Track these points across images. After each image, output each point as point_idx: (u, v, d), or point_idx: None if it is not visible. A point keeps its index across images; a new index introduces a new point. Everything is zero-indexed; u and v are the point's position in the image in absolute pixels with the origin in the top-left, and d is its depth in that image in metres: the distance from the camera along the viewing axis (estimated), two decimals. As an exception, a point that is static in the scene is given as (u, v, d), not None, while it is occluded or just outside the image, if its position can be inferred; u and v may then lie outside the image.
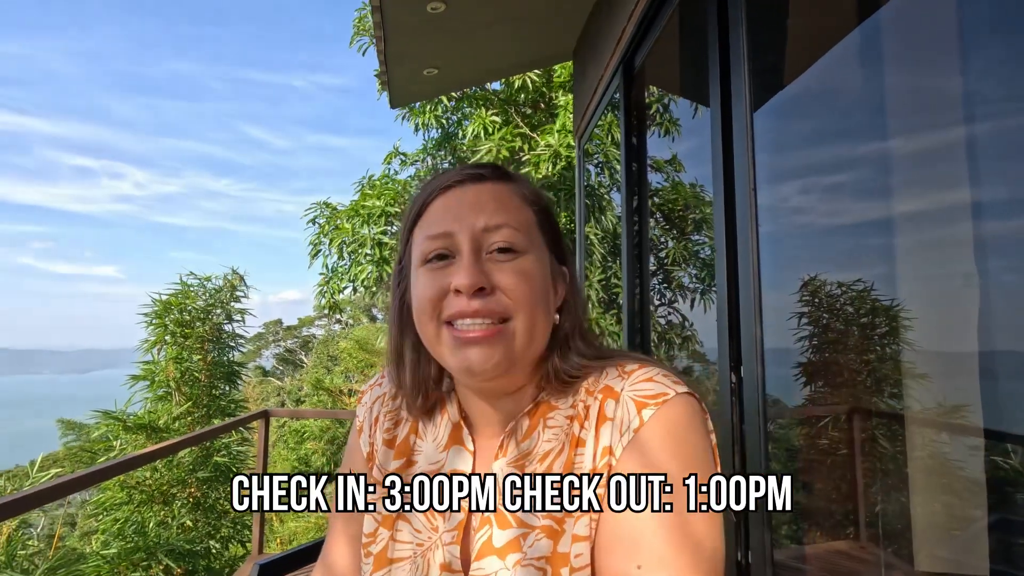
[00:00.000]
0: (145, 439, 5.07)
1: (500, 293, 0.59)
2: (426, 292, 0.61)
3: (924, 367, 1.13)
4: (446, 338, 0.61)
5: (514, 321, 0.60)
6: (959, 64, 1.03)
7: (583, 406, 0.63)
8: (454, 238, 0.61)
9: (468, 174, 0.65)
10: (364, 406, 0.77)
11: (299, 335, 34.72)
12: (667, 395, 0.57)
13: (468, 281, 0.58)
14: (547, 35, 3.20)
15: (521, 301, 0.60)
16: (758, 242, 1.29)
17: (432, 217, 0.64)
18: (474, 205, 0.62)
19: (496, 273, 0.60)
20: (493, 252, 0.61)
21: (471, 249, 0.60)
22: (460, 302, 0.59)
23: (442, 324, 0.61)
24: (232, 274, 6.42)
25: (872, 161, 1.27)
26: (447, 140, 7.64)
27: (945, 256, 1.07)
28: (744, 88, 1.34)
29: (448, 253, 0.62)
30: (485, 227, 0.61)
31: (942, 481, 1.11)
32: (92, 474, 1.86)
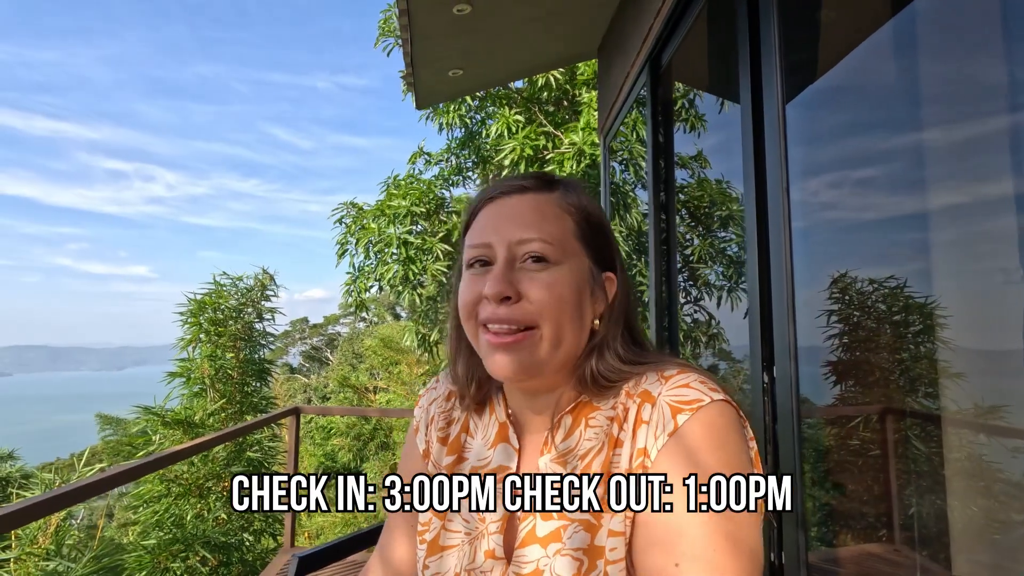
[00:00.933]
0: (182, 434, 5.23)
1: (525, 302, 0.64)
2: (464, 295, 0.67)
3: (963, 366, 1.11)
4: (482, 340, 0.66)
5: (540, 329, 0.64)
6: (1000, 51, 1.01)
7: (623, 408, 0.66)
8: (492, 248, 0.66)
9: (512, 186, 0.70)
10: (421, 408, 0.83)
11: (324, 333, 35.29)
12: (702, 401, 0.59)
13: (493, 290, 0.63)
14: (571, 34, 3.20)
15: (546, 310, 0.63)
16: (791, 239, 1.28)
17: (476, 227, 0.69)
18: (511, 218, 0.67)
19: (525, 282, 0.64)
20: (527, 262, 0.65)
21: (504, 259, 0.65)
22: (489, 308, 0.64)
23: (479, 326, 0.66)
24: (263, 274, 6.57)
25: (911, 154, 1.25)
26: (471, 139, 7.68)
27: (988, 251, 1.04)
28: (776, 82, 1.33)
29: (488, 260, 0.67)
30: (519, 240, 0.65)
31: (982, 484, 1.09)
32: (141, 466, 1.94)
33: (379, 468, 13.20)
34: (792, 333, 1.24)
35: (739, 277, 2.23)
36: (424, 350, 7.45)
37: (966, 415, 1.11)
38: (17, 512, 1.52)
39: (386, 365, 15.13)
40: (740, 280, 2.19)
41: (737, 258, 2.31)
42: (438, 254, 6.72)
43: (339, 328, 34.59)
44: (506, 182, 0.71)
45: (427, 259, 6.73)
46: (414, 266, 6.65)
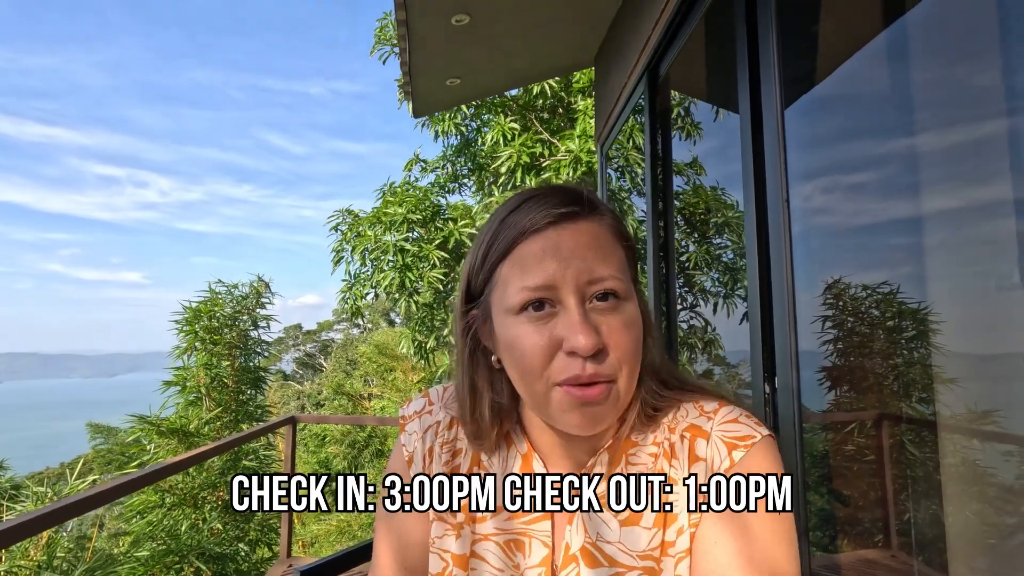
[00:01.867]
0: (177, 443, 5.19)
1: (611, 352, 0.56)
2: (532, 348, 0.56)
3: (957, 371, 1.13)
4: (559, 399, 0.56)
5: (619, 380, 0.57)
6: (991, 59, 1.03)
7: (668, 444, 0.62)
8: (557, 289, 0.56)
9: (560, 213, 0.58)
10: (413, 435, 0.72)
11: (318, 339, 35.15)
12: (755, 438, 0.58)
13: (587, 343, 0.53)
14: (568, 44, 3.22)
15: (629, 358, 0.57)
16: (791, 248, 1.29)
17: (528, 262, 0.57)
18: (575, 251, 0.57)
19: (603, 327, 0.56)
20: (595, 301, 0.56)
21: (578, 302, 0.56)
22: (574, 367, 0.55)
23: (551, 386, 0.56)
24: (258, 281, 6.55)
25: (906, 158, 1.27)
26: (467, 147, 7.71)
27: (982, 256, 1.06)
28: (775, 89, 1.35)
29: (549, 302, 0.57)
30: (590, 279, 0.56)
31: (978, 489, 1.10)
32: (138, 479, 1.93)
33: (373, 476, 13.13)
34: (793, 343, 1.25)
35: (735, 283, 2.25)
36: (420, 357, 7.44)
37: (960, 420, 1.12)
38: (12, 529, 1.51)
39: (381, 372, 15.08)
40: (736, 286, 2.21)
41: (732, 264, 2.33)
42: (434, 261, 6.73)
43: (333, 334, 34.46)
44: (547, 208, 0.58)
45: (423, 266, 6.73)
46: (410, 273, 6.65)
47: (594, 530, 0.62)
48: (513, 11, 2.68)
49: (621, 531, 0.61)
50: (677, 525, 0.59)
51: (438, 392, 0.75)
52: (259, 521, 5.73)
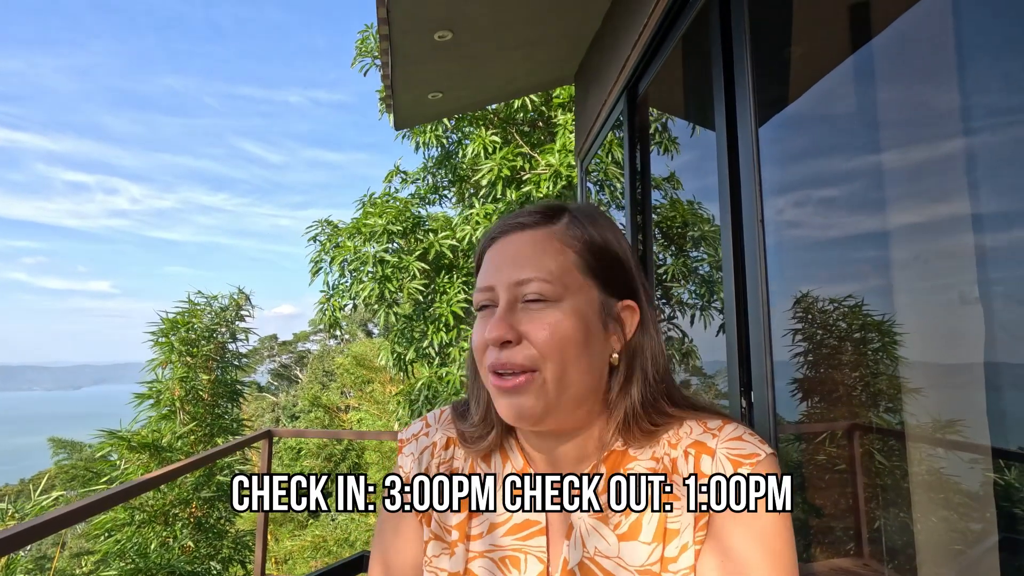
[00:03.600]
0: (148, 458, 5.05)
1: (526, 344, 0.61)
2: (474, 340, 0.66)
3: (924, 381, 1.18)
4: (490, 385, 0.64)
5: (542, 371, 0.61)
6: (950, 81, 1.08)
7: (668, 459, 0.63)
8: (495, 291, 0.65)
9: (512, 224, 0.68)
10: (409, 457, 0.75)
11: (294, 350, 34.58)
12: (759, 456, 0.60)
13: (492, 335, 0.62)
14: (549, 61, 3.28)
15: (548, 351, 0.61)
16: (766, 266, 1.33)
17: (482, 270, 0.68)
18: (511, 259, 0.65)
19: (526, 323, 0.62)
20: (528, 302, 0.63)
21: (505, 302, 0.63)
22: (493, 353, 0.63)
23: (488, 371, 0.64)
24: (238, 293, 6.45)
25: (872, 175, 1.33)
26: (448, 159, 7.74)
27: (949, 268, 1.11)
28: (749, 110, 1.39)
29: (492, 304, 0.65)
30: (517, 280, 0.63)
31: (944, 496, 1.14)
32: (110, 497, 1.87)
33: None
34: (769, 360, 1.29)
35: (711, 295, 2.30)
36: (399, 369, 7.38)
37: (925, 429, 1.17)
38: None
39: (358, 384, 14.90)
40: (713, 298, 2.26)
41: (709, 277, 2.39)
42: (414, 272, 6.70)
43: (309, 345, 33.95)
44: (508, 220, 0.68)
45: (403, 277, 6.70)
46: (390, 284, 6.61)
47: (592, 545, 0.63)
48: (495, 28, 2.73)
49: (620, 546, 0.62)
50: (680, 542, 0.60)
51: (435, 415, 0.78)
52: (232, 538, 5.59)
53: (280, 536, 11.76)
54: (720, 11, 1.54)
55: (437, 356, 6.97)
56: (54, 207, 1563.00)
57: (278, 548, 10.65)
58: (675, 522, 0.61)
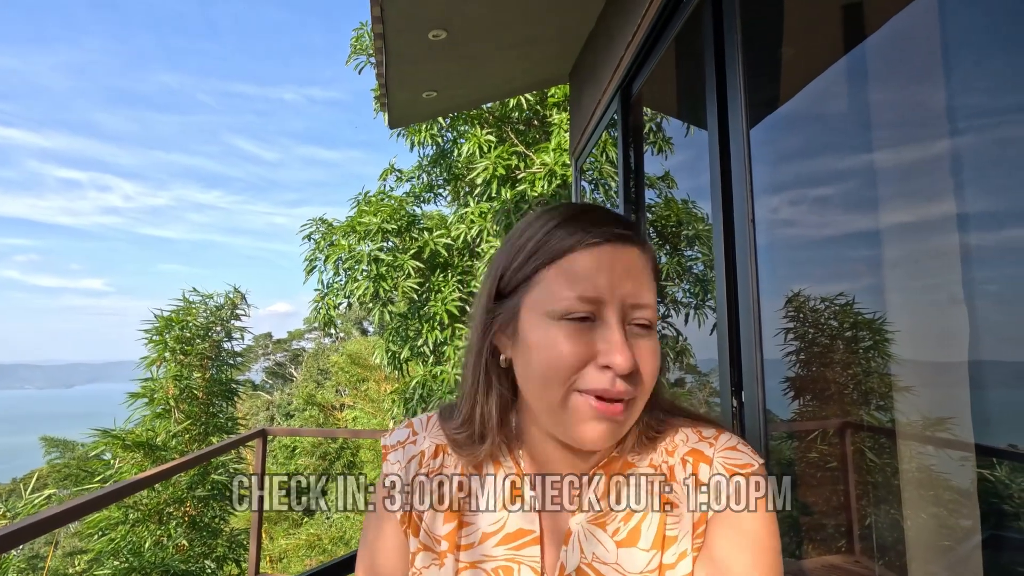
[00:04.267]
0: (143, 457, 5.04)
1: (639, 375, 0.58)
2: (567, 354, 0.57)
3: (911, 379, 1.19)
4: (578, 406, 0.57)
5: (637, 400, 0.59)
6: (940, 82, 1.10)
7: (666, 466, 0.64)
8: (603, 305, 0.58)
9: (617, 234, 0.60)
10: (395, 465, 0.70)
11: (289, 348, 34.47)
12: (752, 466, 0.61)
13: (626, 364, 0.55)
14: (544, 60, 3.29)
15: (649, 382, 0.59)
16: (757, 267, 1.35)
17: (579, 272, 0.58)
18: (627, 274, 0.59)
19: (637, 351, 0.58)
20: (633, 326, 0.59)
21: (619, 322, 0.58)
22: (604, 379, 0.56)
23: (572, 392, 0.57)
24: (234, 292, 6.43)
25: (863, 175, 1.34)
26: (443, 157, 7.73)
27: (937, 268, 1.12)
28: (740, 112, 1.41)
29: (590, 317, 0.58)
30: (635, 304, 0.59)
31: (933, 493, 1.16)
32: (105, 496, 1.87)
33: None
34: (759, 359, 1.31)
35: (705, 294, 2.31)
36: (394, 368, 7.38)
37: (912, 427, 1.18)
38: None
39: (353, 382, 14.88)
40: (707, 297, 2.28)
41: (703, 276, 2.40)
42: (409, 271, 6.70)
43: (304, 344, 33.85)
44: (607, 225, 0.60)
45: (398, 276, 6.70)
46: (384, 283, 6.61)
47: (590, 551, 0.62)
48: (489, 28, 2.73)
49: (618, 552, 0.61)
50: (678, 549, 0.60)
51: (422, 421, 0.74)
52: (227, 537, 5.59)
53: (275, 535, 11.74)
54: (712, 12, 1.55)
55: (432, 354, 6.97)
56: (47, 204, 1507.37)
57: (273, 547, 10.63)
58: (674, 528, 0.61)
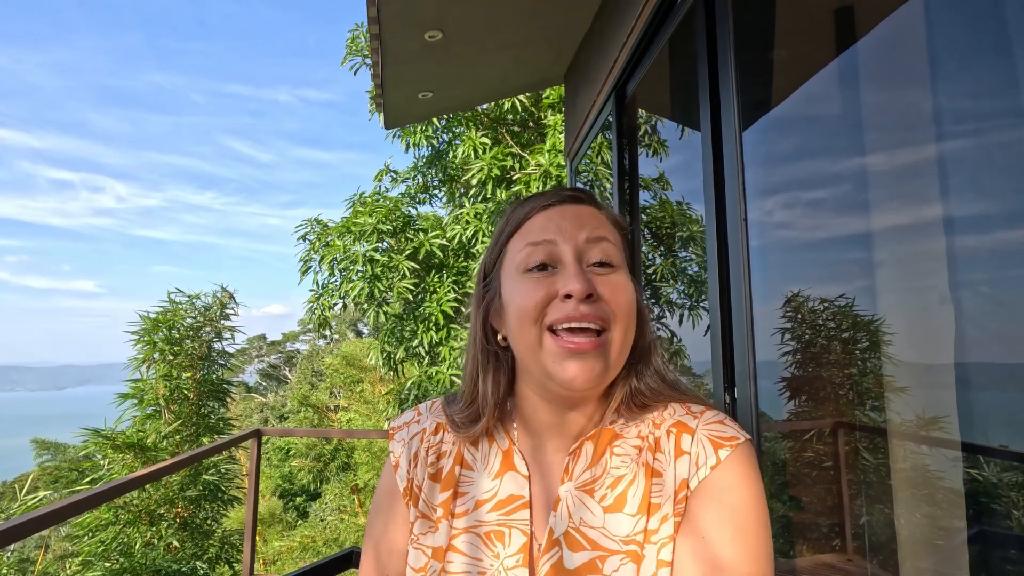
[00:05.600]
0: (133, 458, 5.00)
1: (604, 302, 0.61)
2: (531, 296, 0.63)
3: (906, 380, 1.20)
4: (550, 346, 0.62)
5: (612, 332, 0.61)
6: (932, 85, 1.11)
7: (653, 438, 0.65)
8: (557, 247, 0.64)
9: (567, 195, 0.69)
10: (400, 442, 0.76)
11: (283, 350, 34.35)
12: (739, 439, 0.62)
13: (580, 286, 0.60)
14: (539, 62, 3.30)
15: (620, 311, 0.62)
16: (749, 266, 1.36)
17: (534, 228, 0.66)
18: (575, 220, 0.65)
19: (598, 283, 0.62)
20: (592, 265, 0.64)
21: (574, 258, 0.63)
22: (567, 307, 0.60)
23: (544, 330, 0.62)
24: (222, 292, 6.40)
25: (866, 178, 1.35)
26: (438, 158, 7.74)
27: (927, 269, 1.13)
28: (733, 114, 1.42)
29: (549, 263, 0.64)
30: (587, 239, 0.64)
31: (926, 492, 1.17)
32: (95, 496, 1.86)
33: (339, 490, 12.85)
34: (751, 357, 1.31)
35: (699, 295, 2.33)
36: (389, 368, 7.36)
37: (903, 426, 1.19)
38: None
39: (348, 383, 14.83)
40: (700, 298, 2.29)
41: (697, 277, 2.41)
42: (404, 272, 6.70)
43: (298, 345, 33.74)
44: (559, 192, 0.69)
45: (393, 276, 6.69)
46: (380, 284, 6.60)
47: (578, 516, 0.64)
48: (485, 29, 2.74)
49: (605, 517, 0.63)
50: (661, 513, 0.61)
51: (427, 405, 0.79)
52: (219, 538, 5.55)
53: (268, 537, 11.68)
54: (705, 15, 1.56)
55: (427, 355, 6.97)
56: (38, 205, 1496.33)
57: (266, 549, 10.57)
58: (658, 496, 0.62)
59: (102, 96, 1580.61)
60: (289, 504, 15.05)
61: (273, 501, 14.43)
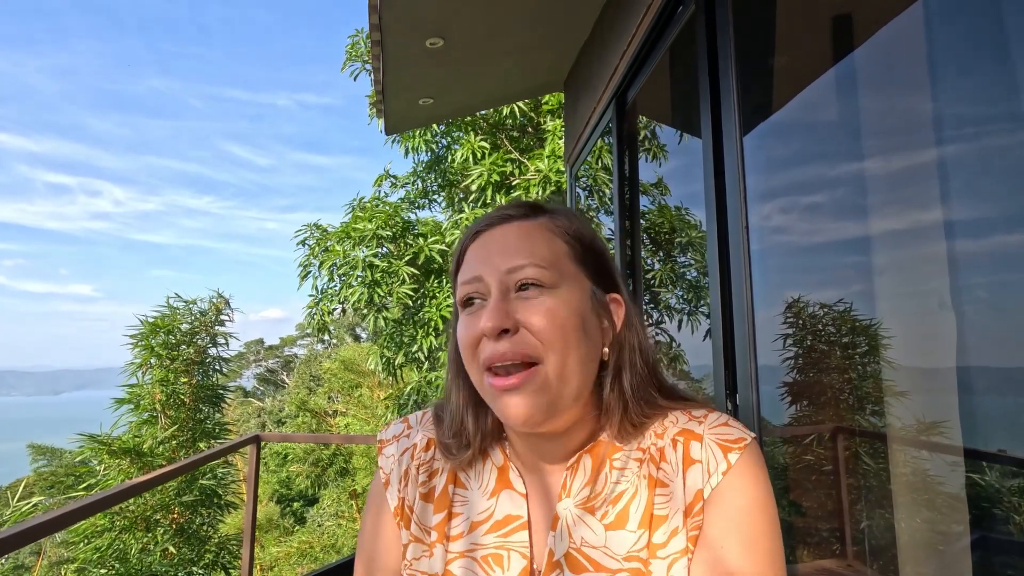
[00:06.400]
0: (129, 463, 4.98)
1: (525, 332, 0.58)
2: (463, 337, 0.62)
3: (906, 385, 1.21)
4: (486, 386, 0.61)
5: (545, 364, 0.58)
6: (930, 91, 1.12)
7: (655, 448, 0.62)
8: (483, 282, 0.61)
9: (497, 216, 0.66)
10: (390, 458, 0.72)
11: (280, 354, 34.26)
12: (746, 440, 0.60)
13: (490, 323, 0.58)
14: (539, 68, 3.31)
15: (549, 339, 0.58)
16: (751, 272, 1.36)
17: (466, 263, 0.65)
18: (500, 247, 0.63)
19: (521, 311, 0.59)
20: (521, 290, 0.60)
21: (497, 291, 0.60)
22: (489, 346, 0.59)
23: (483, 371, 0.61)
24: (217, 297, 6.39)
25: (865, 183, 1.36)
26: (437, 163, 7.75)
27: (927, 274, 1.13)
28: (734, 120, 1.43)
29: (482, 296, 0.62)
30: (509, 268, 0.61)
31: (926, 497, 1.17)
32: (94, 503, 1.85)
33: (337, 495, 12.79)
34: (753, 362, 1.32)
35: (698, 300, 2.33)
36: (388, 373, 7.35)
37: (904, 431, 1.19)
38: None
39: (346, 388, 14.79)
40: (699, 303, 2.29)
41: (696, 282, 2.42)
42: (404, 277, 6.70)
43: (296, 350, 33.66)
44: (490, 214, 0.67)
45: (393, 282, 6.69)
46: (379, 289, 6.60)
47: (579, 535, 0.62)
48: (486, 36, 2.75)
49: (607, 535, 0.61)
50: (669, 527, 0.59)
51: (417, 416, 0.76)
52: (215, 543, 5.52)
53: (266, 543, 11.62)
54: (706, 22, 1.57)
55: (426, 360, 6.96)
56: (35, 209, 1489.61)
57: (264, 555, 10.50)
58: (663, 508, 0.60)
59: (100, 100, 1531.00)
60: (287, 509, 14.97)
61: (270, 506, 14.36)
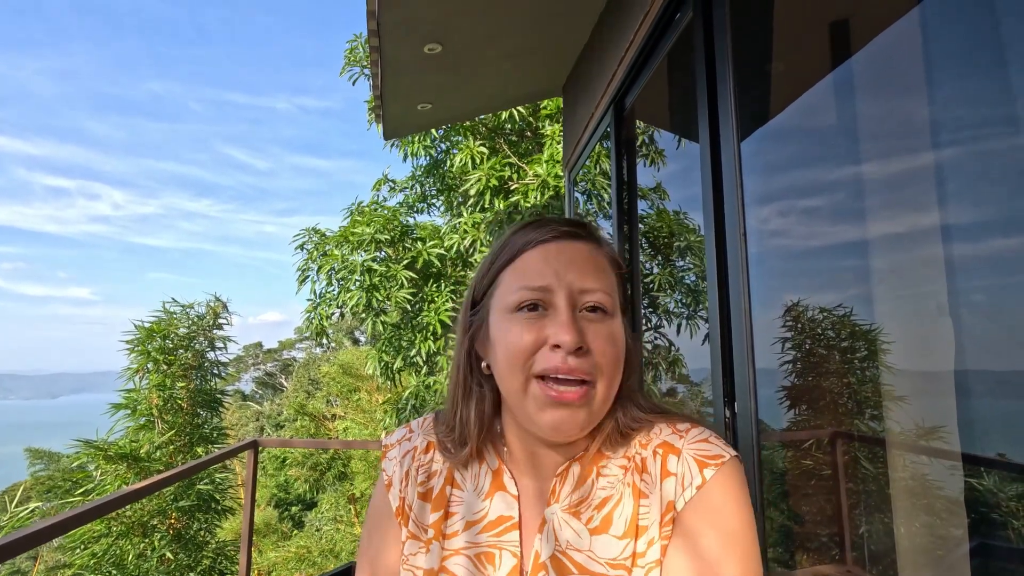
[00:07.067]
0: (126, 469, 4.95)
1: (593, 354, 0.60)
2: (520, 339, 0.61)
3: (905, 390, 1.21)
4: (535, 392, 0.61)
5: (598, 384, 0.61)
6: (926, 96, 1.12)
7: (639, 458, 0.65)
8: (551, 292, 0.62)
9: (565, 231, 0.66)
10: (392, 460, 0.75)
11: (279, 358, 34.20)
12: (724, 457, 0.61)
13: (571, 338, 0.59)
14: (537, 74, 3.33)
15: (608, 365, 0.61)
16: (749, 279, 1.36)
17: (529, 266, 0.64)
18: (572, 263, 0.63)
19: (589, 333, 0.61)
20: (584, 311, 0.62)
21: (568, 306, 0.61)
22: (555, 358, 0.60)
23: (531, 378, 0.61)
24: (215, 301, 6.38)
25: (862, 188, 1.36)
26: (436, 168, 7.76)
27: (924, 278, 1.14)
28: (731, 125, 1.43)
29: (541, 305, 0.62)
30: (582, 288, 0.62)
31: (925, 502, 1.17)
32: (92, 510, 1.84)
33: (336, 499, 12.75)
34: (751, 368, 1.32)
35: (697, 304, 2.33)
36: (386, 378, 7.34)
37: (902, 436, 1.20)
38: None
39: (345, 392, 14.75)
40: (697, 307, 2.29)
41: (694, 286, 2.42)
42: (402, 281, 6.69)
43: (295, 353, 33.60)
44: (558, 225, 0.67)
45: (391, 286, 6.69)
46: (378, 293, 6.60)
47: (564, 538, 0.64)
48: (484, 42, 2.76)
49: (592, 540, 0.63)
50: (648, 536, 0.61)
51: (419, 422, 0.79)
52: (213, 549, 5.50)
53: (264, 548, 11.56)
54: (704, 28, 1.58)
55: (425, 365, 6.95)
56: (33, 212, 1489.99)
57: (261, 560, 10.45)
58: (645, 518, 0.62)
59: (99, 103, 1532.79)
60: (284, 513, 14.91)
61: (268, 511, 14.30)
